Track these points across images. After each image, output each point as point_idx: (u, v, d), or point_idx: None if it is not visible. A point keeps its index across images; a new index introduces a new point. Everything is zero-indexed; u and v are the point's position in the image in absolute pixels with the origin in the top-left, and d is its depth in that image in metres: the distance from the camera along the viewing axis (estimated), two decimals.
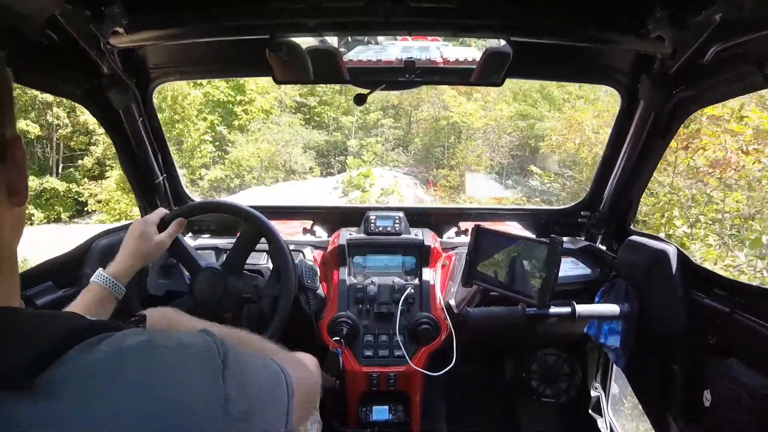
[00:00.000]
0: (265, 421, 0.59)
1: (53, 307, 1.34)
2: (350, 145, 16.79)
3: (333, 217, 2.02)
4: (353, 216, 1.87)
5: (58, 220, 15.00)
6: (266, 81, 13.42)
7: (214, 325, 0.98)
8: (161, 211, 1.37)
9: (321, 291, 1.72)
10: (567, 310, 1.55)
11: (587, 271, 1.82)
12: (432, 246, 1.74)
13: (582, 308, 1.57)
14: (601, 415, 2.15)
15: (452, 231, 2.03)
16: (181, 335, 0.58)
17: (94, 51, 1.29)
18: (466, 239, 1.85)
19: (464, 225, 2.02)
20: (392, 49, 1.39)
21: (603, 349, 1.83)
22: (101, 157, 15.75)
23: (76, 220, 15.31)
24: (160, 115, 1.72)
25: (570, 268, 1.81)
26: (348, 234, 1.77)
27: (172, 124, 14.60)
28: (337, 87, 15.65)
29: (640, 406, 1.78)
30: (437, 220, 2.03)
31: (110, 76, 1.42)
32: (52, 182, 15.24)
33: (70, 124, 15.94)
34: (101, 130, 14.82)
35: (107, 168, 15.28)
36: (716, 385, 1.36)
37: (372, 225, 1.76)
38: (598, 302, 1.75)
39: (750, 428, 1.24)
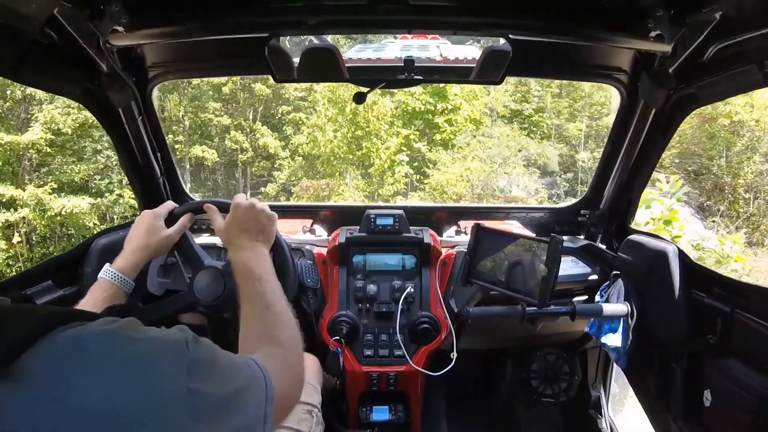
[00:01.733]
0: (235, 421, 0.60)
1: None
2: (581, 158, 13.75)
3: (333, 216, 2.02)
4: (353, 215, 1.87)
5: None
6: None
7: None
8: (170, 204, 1.33)
9: (321, 290, 1.72)
10: (567, 309, 1.55)
11: (587, 270, 1.82)
12: (432, 245, 1.74)
13: (582, 307, 1.57)
14: (601, 415, 2.14)
15: (452, 230, 2.03)
16: (154, 329, 0.58)
17: (94, 50, 1.29)
18: (465, 238, 1.85)
19: (464, 224, 2.01)
20: (392, 47, 1.39)
21: (603, 349, 1.83)
22: (286, 182, 14.50)
23: None
24: (346, 133, 1.71)
25: (570, 267, 1.80)
26: (348, 233, 1.77)
27: (357, 141, 12.46)
28: (556, 89, 14.30)
29: (640, 406, 1.77)
30: (437, 218, 2.02)
31: (109, 75, 1.42)
32: None
33: (251, 149, 14.86)
34: (284, 154, 14.43)
35: (292, 196, 13.82)
36: (716, 384, 1.36)
37: (372, 224, 1.75)
38: (598, 301, 1.75)
39: (750, 428, 1.24)
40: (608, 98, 13.58)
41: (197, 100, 14.45)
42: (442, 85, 11.31)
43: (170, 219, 1.31)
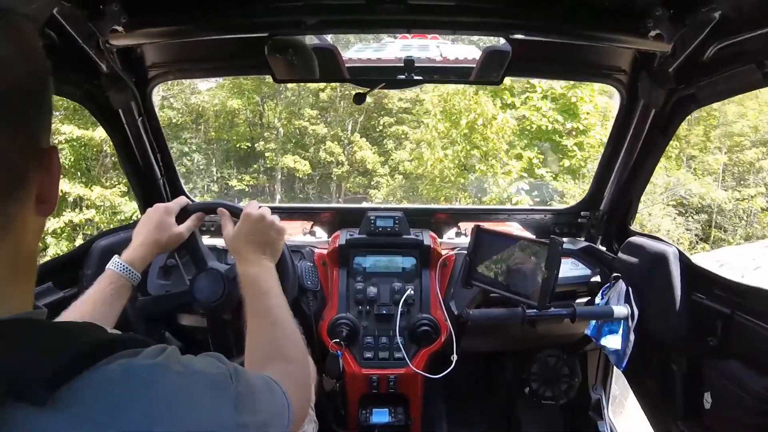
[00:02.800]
0: None
1: (53, 307, 1.33)
2: (717, 199, 11.77)
3: (333, 218, 2.02)
4: (353, 216, 1.87)
5: None
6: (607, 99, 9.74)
7: None
8: (183, 200, 1.31)
9: (321, 292, 1.72)
10: (567, 311, 1.54)
11: (587, 272, 1.82)
12: (432, 246, 1.74)
13: (582, 310, 1.57)
14: (602, 417, 2.13)
15: (452, 231, 2.02)
16: (194, 360, 0.58)
17: (93, 50, 1.29)
18: (466, 240, 1.85)
19: (464, 225, 2.01)
20: (392, 47, 1.39)
21: (603, 351, 1.83)
22: (383, 203, 13.13)
23: None
24: (459, 151, 1.69)
25: (570, 269, 1.80)
26: (348, 234, 1.76)
27: (470, 162, 10.61)
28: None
29: (641, 408, 1.77)
30: (437, 220, 2.02)
31: (109, 76, 1.42)
32: None
33: (346, 162, 14.00)
34: (383, 170, 13.62)
35: None
36: (717, 386, 1.35)
37: (372, 225, 1.75)
38: (598, 303, 1.74)
39: (751, 430, 1.24)
40: (756, 129, 12.31)
41: (293, 106, 13.90)
42: (573, 100, 9.75)
43: (181, 216, 1.29)
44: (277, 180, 13.92)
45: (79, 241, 10.20)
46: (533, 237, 1.83)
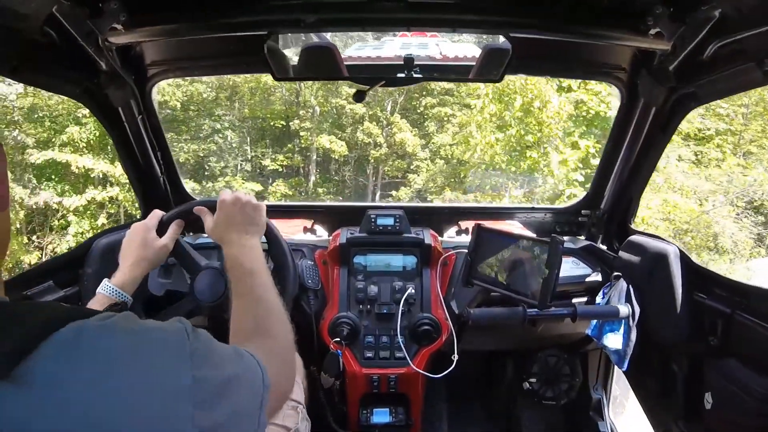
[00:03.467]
0: (232, 405, 0.61)
1: None
2: None
3: (333, 216, 2.02)
4: (353, 214, 1.86)
5: None
6: None
7: None
8: (158, 214, 1.33)
9: (321, 291, 1.71)
10: (568, 311, 1.54)
11: (588, 271, 1.81)
12: (432, 245, 1.73)
13: (583, 309, 1.56)
14: (602, 418, 2.13)
15: (453, 230, 2.02)
16: (152, 321, 0.59)
17: (92, 48, 1.28)
18: (466, 238, 1.84)
19: (464, 224, 2.01)
20: (391, 45, 1.39)
21: (604, 351, 1.82)
22: (422, 188, 12.95)
23: None
24: (513, 135, 1.67)
25: (571, 268, 1.80)
26: (348, 233, 1.76)
27: (523, 148, 9.35)
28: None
29: (641, 408, 1.76)
30: (437, 218, 2.02)
31: (109, 74, 1.42)
32: None
33: (385, 144, 13.31)
34: (423, 154, 12.99)
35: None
36: (717, 387, 1.35)
37: (372, 224, 1.75)
38: (599, 303, 1.74)
39: (751, 431, 1.23)
40: None
41: (331, 83, 13.12)
42: None
43: (161, 228, 1.30)
44: (312, 161, 13.56)
45: (101, 221, 10.14)
46: (534, 236, 1.83)
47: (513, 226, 2.05)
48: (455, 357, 1.61)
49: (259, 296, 1.00)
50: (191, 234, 1.95)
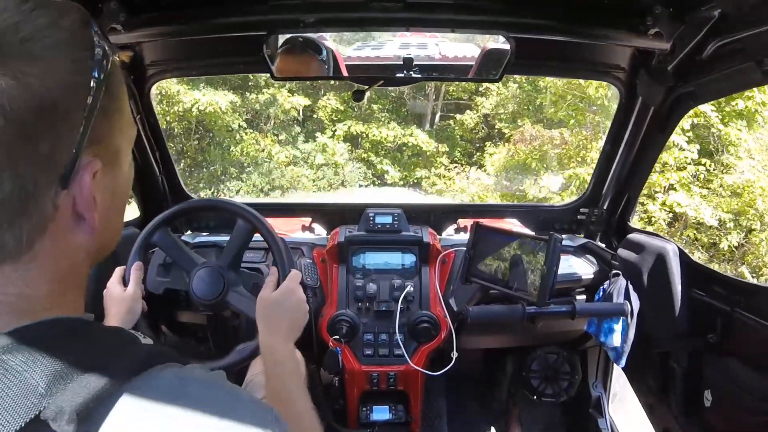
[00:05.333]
0: None
1: None
2: None
3: (331, 214, 2.02)
4: (352, 213, 1.87)
5: None
6: None
7: None
8: (119, 270, 1.36)
9: (320, 289, 1.72)
10: (566, 308, 1.54)
11: (587, 268, 1.82)
12: (431, 243, 1.74)
13: (582, 306, 1.56)
14: (602, 415, 2.14)
15: (451, 228, 2.02)
16: (237, 387, 0.57)
17: None
18: (465, 236, 1.84)
19: (463, 222, 2.01)
20: (390, 45, 1.39)
21: (603, 348, 1.83)
22: (490, 114, 12.21)
23: None
24: None
25: (569, 265, 1.80)
26: (347, 231, 1.77)
27: None
28: None
29: (641, 406, 1.77)
30: (436, 217, 2.02)
31: None
32: None
33: None
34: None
35: None
36: (716, 384, 1.36)
37: (371, 222, 1.75)
38: (598, 300, 1.75)
39: (750, 428, 1.24)
40: None
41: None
42: None
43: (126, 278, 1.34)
44: None
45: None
46: (532, 233, 1.83)
47: (512, 225, 2.06)
48: (454, 354, 1.61)
49: (296, 402, 1.00)
50: (189, 233, 1.95)
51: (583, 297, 1.82)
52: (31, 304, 0.48)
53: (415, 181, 13.08)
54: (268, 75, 1.40)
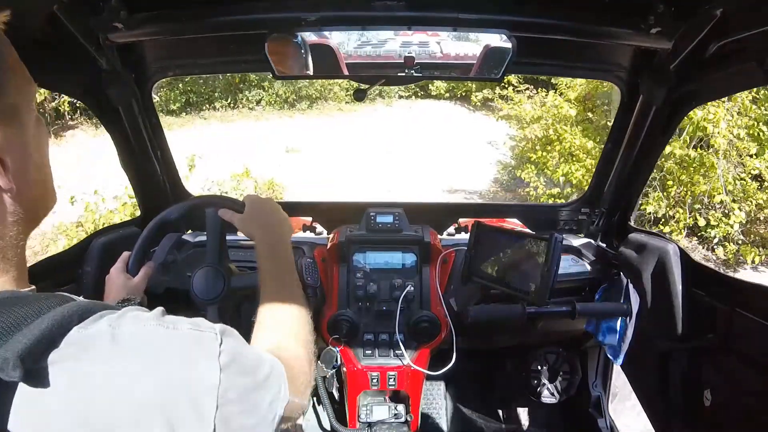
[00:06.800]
0: (250, 419, 0.61)
1: None
2: None
3: (333, 213, 2.02)
4: (353, 212, 1.87)
5: None
6: None
7: None
8: (124, 256, 1.35)
9: (321, 288, 1.72)
10: (567, 308, 1.55)
11: (587, 268, 1.82)
12: (432, 243, 1.74)
13: (582, 306, 1.57)
14: (602, 414, 2.14)
15: (452, 227, 2.02)
16: (184, 320, 0.60)
17: (93, 47, 1.28)
18: (466, 236, 1.84)
19: (464, 221, 2.01)
20: (392, 43, 1.39)
21: (603, 347, 1.83)
22: None
23: None
24: None
25: (570, 265, 1.80)
26: (348, 231, 1.76)
27: None
28: None
29: (640, 405, 1.77)
30: (437, 216, 2.02)
31: (109, 72, 1.42)
32: None
33: None
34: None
35: None
36: (716, 383, 1.36)
37: (372, 222, 1.75)
38: (598, 300, 1.75)
39: (750, 428, 1.24)
40: None
41: None
42: None
43: (134, 264, 1.33)
44: None
45: None
46: (533, 233, 1.83)
47: (512, 224, 2.06)
48: (454, 354, 1.61)
49: (290, 293, 1.01)
50: (190, 231, 1.95)
51: (584, 296, 1.82)
52: None
53: (463, 94, 12.31)
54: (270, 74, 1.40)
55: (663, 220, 5.57)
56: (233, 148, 8.51)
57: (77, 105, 9.31)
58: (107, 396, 0.49)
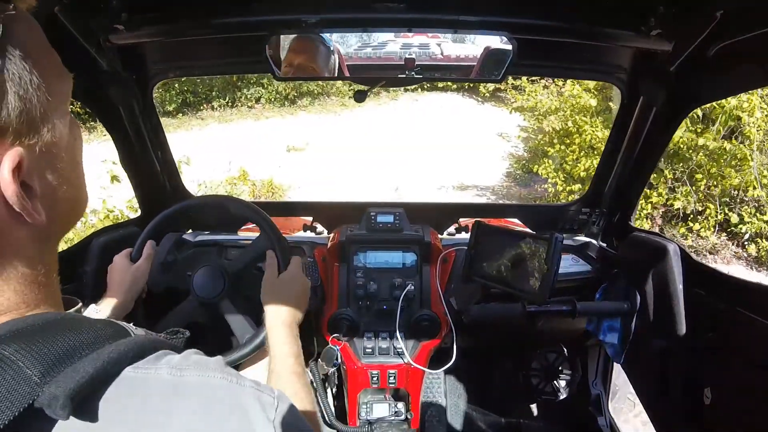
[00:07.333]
0: None
1: None
2: None
3: (333, 213, 2.02)
4: (354, 211, 1.87)
5: None
6: None
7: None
8: (126, 251, 1.38)
9: (321, 288, 1.72)
10: (567, 307, 1.55)
11: (588, 267, 1.82)
12: (432, 242, 1.74)
13: (582, 305, 1.57)
14: (602, 413, 2.15)
15: (452, 227, 2.02)
16: (240, 373, 0.56)
17: (94, 48, 1.29)
18: (466, 236, 1.85)
19: (464, 221, 2.01)
20: (392, 45, 1.39)
21: (603, 346, 1.84)
22: None
23: None
24: None
25: (570, 264, 1.81)
26: (348, 230, 1.77)
27: None
28: None
29: (640, 404, 1.78)
30: (437, 216, 2.02)
31: (110, 73, 1.42)
32: None
33: None
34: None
35: None
36: (716, 382, 1.36)
37: (372, 221, 1.75)
38: (598, 299, 1.75)
39: (750, 426, 1.24)
40: None
41: None
42: None
43: (137, 251, 1.37)
44: None
45: None
46: (533, 233, 1.84)
47: (513, 224, 2.06)
48: (455, 353, 1.62)
49: (297, 379, 1.01)
50: (190, 231, 1.96)
51: (584, 296, 1.82)
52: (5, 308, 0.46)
53: (471, 85, 11.80)
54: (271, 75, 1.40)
55: (691, 216, 5.32)
56: (232, 148, 8.25)
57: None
58: None
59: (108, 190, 3.93)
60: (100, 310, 1.19)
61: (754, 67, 1.15)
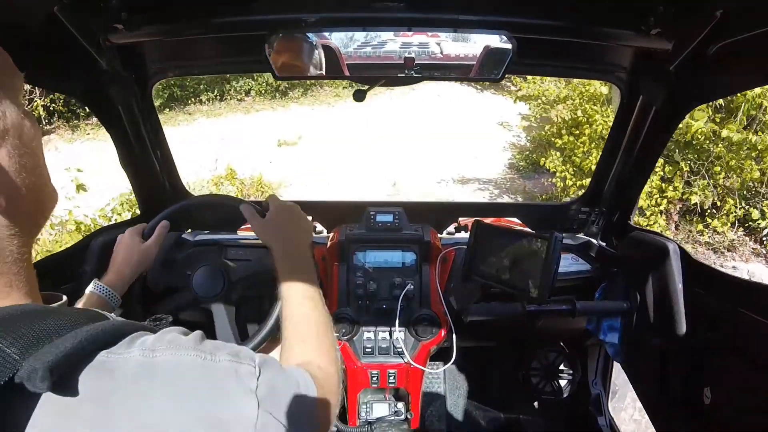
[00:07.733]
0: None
1: None
2: None
3: (332, 213, 2.02)
4: (353, 211, 1.87)
5: None
6: None
7: None
8: (139, 226, 1.39)
9: (320, 287, 1.72)
10: (567, 306, 1.55)
11: (587, 267, 1.82)
12: (432, 242, 1.74)
13: (582, 305, 1.57)
14: (601, 412, 2.15)
15: (452, 226, 2.02)
16: (223, 353, 0.56)
17: (93, 48, 1.29)
18: (465, 235, 1.85)
19: (464, 221, 2.01)
20: (392, 44, 1.39)
21: (603, 346, 1.84)
22: None
23: None
24: None
25: (570, 264, 1.81)
26: (348, 230, 1.77)
27: None
28: None
29: (640, 403, 1.78)
30: (437, 215, 2.02)
31: (109, 73, 1.42)
32: None
33: None
34: None
35: None
36: (716, 382, 1.36)
37: (372, 221, 1.75)
38: (598, 298, 1.75)
39: (750, 426, 1.25)
40: None
41: None
42: None
43: (149, 231, 1.38)
44: None
45: None
46: (533, 232, 1.83)
47: (512, 223, 2.06)
48: (454, 352, 1.62)
49: (313, 307, 0.99)
50: (190, 231, 1.96)
51: (584, 295, 1.82)
52: None
53: None
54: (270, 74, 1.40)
55: (708, 211, 5.12)
56: (220, 144, 8.10)
57: (52, 109, 9.06)
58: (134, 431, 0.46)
59: (74, 200, 3.61)
60: (101, 285, 1.20)
61: (754, 67, 1.15)
